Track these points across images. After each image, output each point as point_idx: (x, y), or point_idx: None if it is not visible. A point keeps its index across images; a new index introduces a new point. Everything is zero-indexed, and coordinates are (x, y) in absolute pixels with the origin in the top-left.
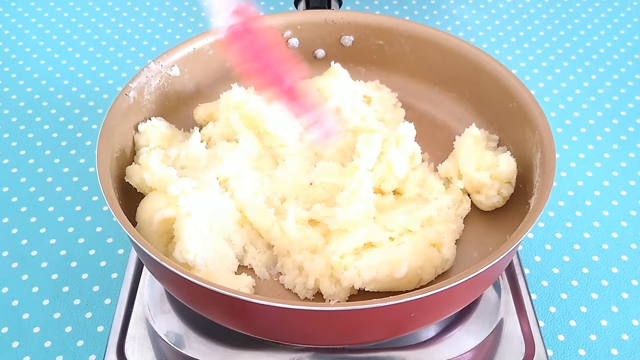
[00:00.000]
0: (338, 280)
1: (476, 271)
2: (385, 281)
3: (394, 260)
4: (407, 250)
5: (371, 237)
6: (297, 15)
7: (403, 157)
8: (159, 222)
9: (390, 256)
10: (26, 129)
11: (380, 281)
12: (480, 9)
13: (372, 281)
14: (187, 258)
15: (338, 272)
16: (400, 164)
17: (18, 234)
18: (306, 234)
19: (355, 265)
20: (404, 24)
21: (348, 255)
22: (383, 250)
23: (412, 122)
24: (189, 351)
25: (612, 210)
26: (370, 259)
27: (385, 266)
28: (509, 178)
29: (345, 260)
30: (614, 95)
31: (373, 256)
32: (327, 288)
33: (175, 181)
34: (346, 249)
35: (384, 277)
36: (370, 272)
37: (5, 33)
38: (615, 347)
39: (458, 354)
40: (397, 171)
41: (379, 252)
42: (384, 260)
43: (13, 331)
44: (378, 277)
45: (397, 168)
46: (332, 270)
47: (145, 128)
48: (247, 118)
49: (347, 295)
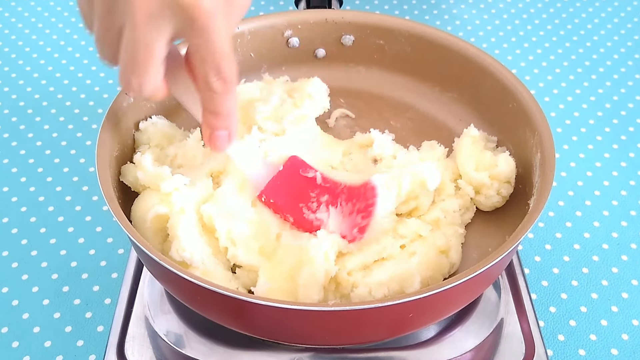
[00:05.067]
0: (343, 294)
1: (475, 272)
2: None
3: (405, 275)
4: (417, 262)
5: (383, 252)
6: (298, 15)
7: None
8: (153, 218)
9: (401, 270)
10: (26, 129)
11: (390, 295)
12: (480, 9)
13: (382, 298)
14: (184, 256)
15: (345, 289)
16: (425, 202)
17: (18, 234)
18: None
19: (365, 282)
20: (405, 24)
21: (356, 271)
22: (394, 263)
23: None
24: (189, 351)
25: (612, 210)
26: (380, 274)
27: (397, 282)
28: (508, 178)
29: (354, 278)
30: (614, 95)
31: (383, 271)
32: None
33: (168, 178)
34: (354, 265)
35: (395, 293)
36: (382, 290)
37: (5, 33)
38: (615, 347)
39: (458, 354)
40: (422, 207)
41: (390, 266)
42: (395, 276)
43: (13, 331)
44: (389, 294)
45: (423, 206)
46: (337, 285)
47: (146, 126)
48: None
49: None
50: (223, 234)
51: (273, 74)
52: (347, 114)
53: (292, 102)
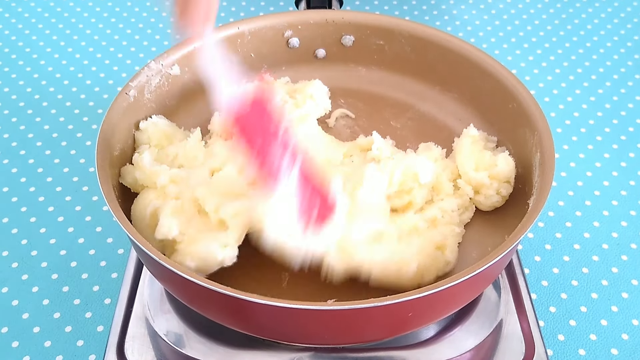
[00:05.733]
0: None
1: (473, 272)
2: (388, 280)
3: (404, 260)
4: (415, 251)
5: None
6: (298, 15)
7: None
8: (151, 214)
9: (400, 254)
10: (26, 129)
11: (385, 278)
12: (480, 9)
13: (377, 277)
14: (162, 232)
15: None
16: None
17: (18, 234)
18: None
19: (364, 259)
20: (405, 24)
21: (360, 243)
22: (393, 247)
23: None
24: (189, 351)
25: (612, 210)
26: (380, 253)
27: (395, 264)
28: (508, 177)
29: (358, 247)
30: (614, 95)
31: (383, 251)
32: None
33: (165, 172)
34: (358, 234)
35: (391, 274)
36: (379, 267)
37: (5, 33)
38: (615, 347)
39: (458, 354)
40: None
41: (389, 249)
42: (394, 259)
43: (13, 331)
44: (385, 273)
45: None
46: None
47: (147, 126)
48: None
49: (342, 278)
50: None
51: (273, 73)
52: (347, 114)
53: (294, 102)
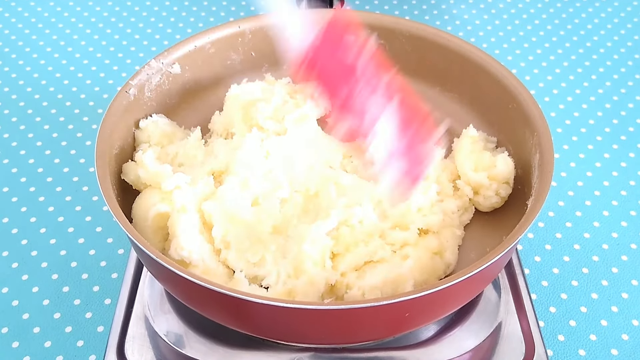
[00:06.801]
0: (338, 296)
1: (470, 272)
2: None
3: (399, 279)
4: (411, 266)
5: (374, 255)
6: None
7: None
8: (154, 217)
9: (394, 274)
10: (26, 129)
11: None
12: (480, 9)
13: (378, 297)
14: (183, 255)
15: (340, 290)
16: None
17: (18, 234)
18: None
19: (359, 285)
20: (405, 24)
21: (350, 272)
22: (387, 266)
23: None
24: (189, 351)
25: (612, 210)
26: (373, 277)
27: (390, 285)
28: (507, 178)
29: (348, 279)
30: (614, 95)
31: (377, 274)
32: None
33: (169, 176)
34: (347, 267)
35: (387, 293)
36: (375, 293)
37: (5, 33)
38: (615, 347)
39: (458, 354)
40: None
41: (383, 269)
42: (389, 279)
43: (13, 331)
44: (382, 293)
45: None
46: (331, 287)
47: (147, 124)
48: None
49: None
50: (219, 238)
51: (274, 73)
52: None
53: (294, 102)
